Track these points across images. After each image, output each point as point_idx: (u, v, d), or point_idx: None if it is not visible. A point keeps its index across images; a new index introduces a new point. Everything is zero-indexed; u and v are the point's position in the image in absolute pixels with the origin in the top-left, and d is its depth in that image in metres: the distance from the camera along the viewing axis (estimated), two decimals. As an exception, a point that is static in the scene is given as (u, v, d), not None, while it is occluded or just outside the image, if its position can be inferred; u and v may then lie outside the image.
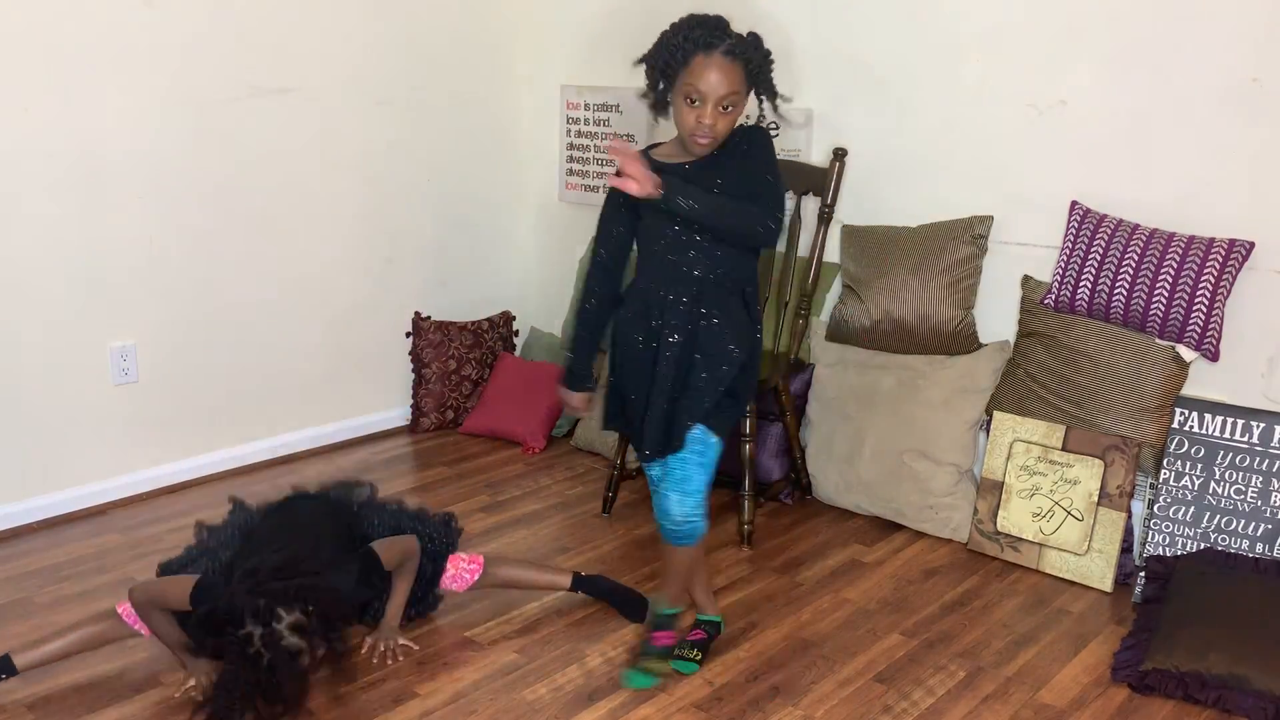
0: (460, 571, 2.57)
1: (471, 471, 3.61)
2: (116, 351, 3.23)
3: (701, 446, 2.25)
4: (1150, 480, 2.87)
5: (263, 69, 3.41)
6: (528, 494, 3.43)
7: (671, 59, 2.14)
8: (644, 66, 2.22)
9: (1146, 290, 2.72)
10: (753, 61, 2.15)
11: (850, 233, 3.31)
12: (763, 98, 2.21)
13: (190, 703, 2.12)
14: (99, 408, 3.22)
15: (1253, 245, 2.65)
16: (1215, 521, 2.68)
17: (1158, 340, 2.78)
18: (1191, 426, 2.73)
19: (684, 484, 2.24)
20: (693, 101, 2.13)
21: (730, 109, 2.14)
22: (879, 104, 3.26)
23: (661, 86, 2.20)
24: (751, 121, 2.25)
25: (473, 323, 4.06)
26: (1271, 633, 2.36)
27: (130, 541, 3.05)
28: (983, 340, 3.14)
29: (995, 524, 2.98)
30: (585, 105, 3.99)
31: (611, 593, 2.68)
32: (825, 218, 3.18)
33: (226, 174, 3.38)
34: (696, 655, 2.42)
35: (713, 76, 2.10)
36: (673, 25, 2.17)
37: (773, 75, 2.21)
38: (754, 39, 2.18)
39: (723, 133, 2.16)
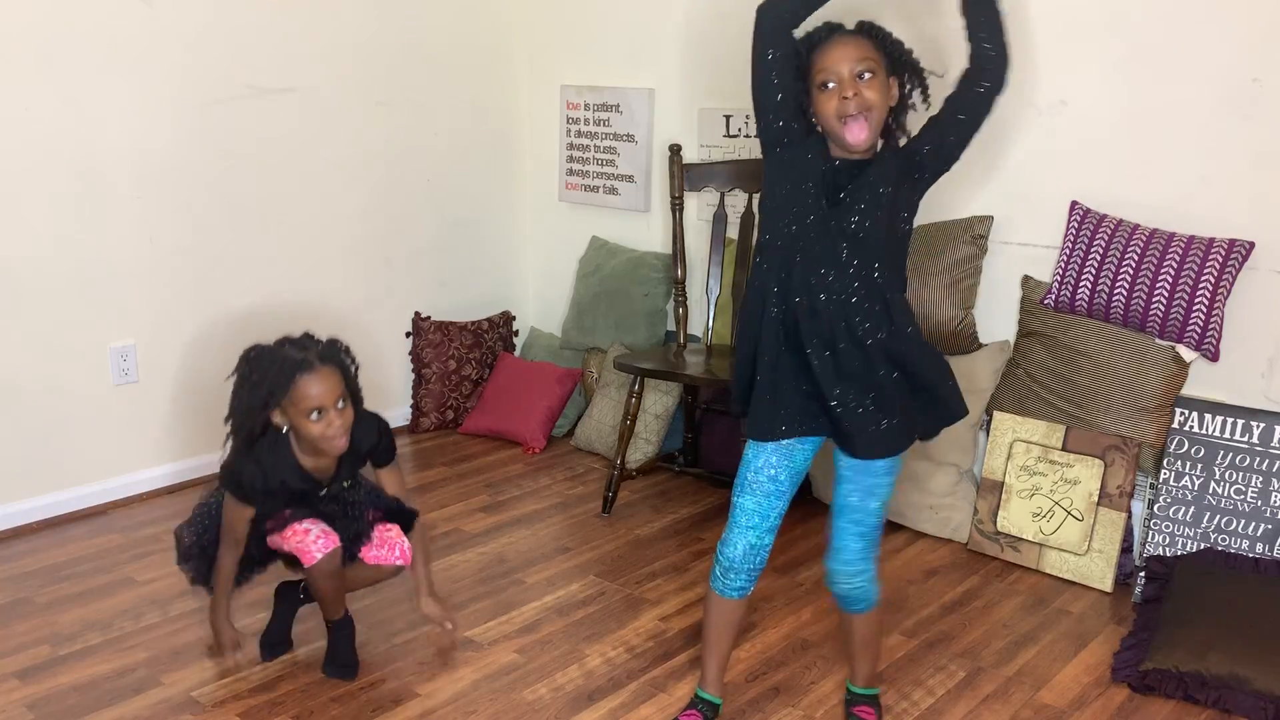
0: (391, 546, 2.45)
1: (471, 472, 3.61)
2: (116, 351, 3.23)
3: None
4: (1150, 480, 2.87)
5: (263, 69, 3.41)
6: (528, 494, 3.43)
7: (801, 59, 1.92)
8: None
9: (1146, 290, 2.72)
10: (879, 36, 1.92)
11: (850, 233, 3.31)
12: (908, 85, 1.97)
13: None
14: (99, 408, 3.22)
15: (1253, 245, 2.65)
16: (1215, 521, 2.68)
17: (1158, 340, 2.78)
18: (1191, 426, 2.73)
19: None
20: (827, 85, 1.88)
21: (869, 75, 1.87)
22: (879, 104, 3.25)
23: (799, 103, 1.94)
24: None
25: (473, 323, 4.06)
26: (1271, 633, 2.36)
27: (130, 541, 3.05)
28: (983, 340, 3.14)
29: (995, 524, 2.98)
30: (585, 105, 3.99)
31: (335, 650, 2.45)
32: (825, 218, 3.17)
33: (226, 174, 3.38)
34: None
35: (838, 51, 1.87)
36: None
37: (909, 55, 1.97)
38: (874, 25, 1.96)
39: (874, 101, 1.88)
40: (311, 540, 2.30)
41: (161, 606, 2.69)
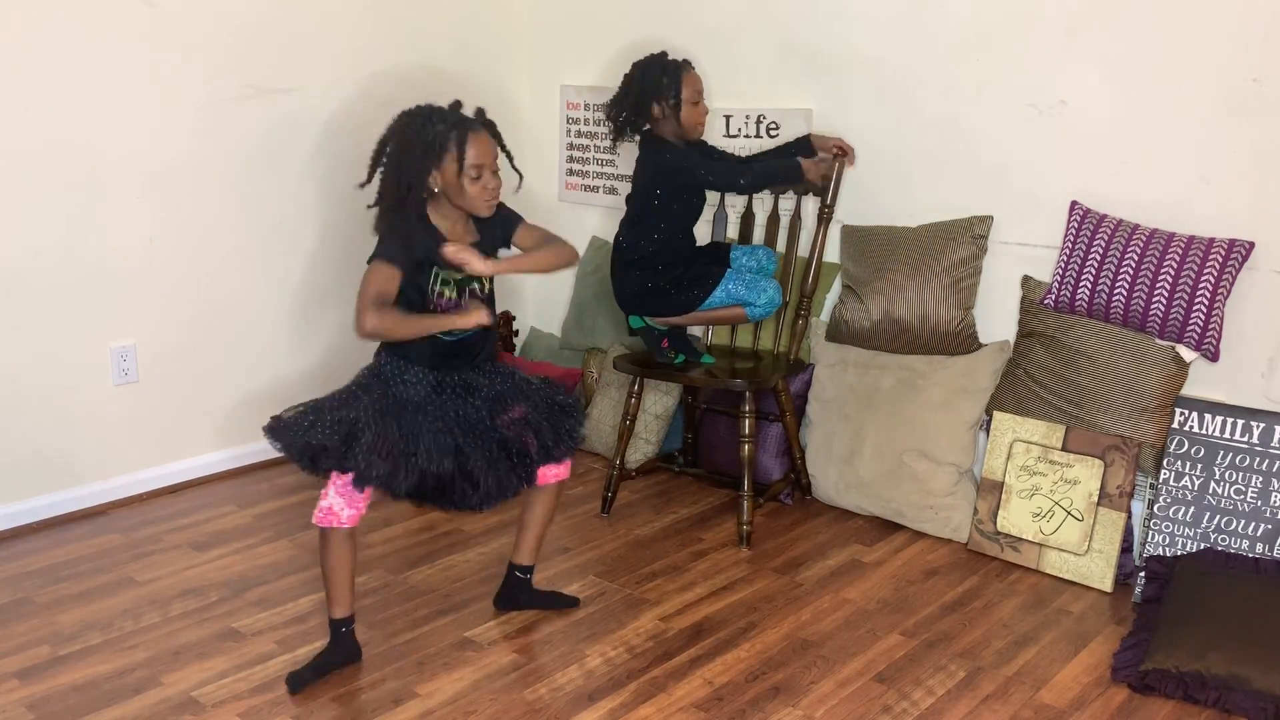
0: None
1: (471, 471, 3.61)
2: (116, 351, 3.23)
3: None
4: (1150, 480, 2.87)
5: (263, 69, 3.41)
6: (528, 494, 3.43)
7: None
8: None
9: (1146, 290, 2.72)
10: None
11: (850, 233, 3.31)
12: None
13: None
14: (99, 408, 3.22)
15: (1253, 245, 2.65)
16: (1215, 521, 2.68)
17: (1158, 340, 2.78)
18: (1191, 426, 2.73)
19: None
20: (695, 103, 3.05)
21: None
22: (879, 104, 3.26)
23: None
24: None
25: (473, 323, 4.06)
26: (1271, 633, 2.36)
27: (130, 541, 3.05)
28: (983, 340, 3.14)
29: (995, 524, 2.98)
30: (585, 105, 3.99)
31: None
32: (825, 218, 3.18)
33: (226, 174, 3.38)
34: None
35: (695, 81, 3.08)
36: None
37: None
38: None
39: None
40: (345, 511, 2.30)
41: (161, 606, 2.69)
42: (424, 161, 2.25)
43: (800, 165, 3.06)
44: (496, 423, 2.38)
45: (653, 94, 3.01)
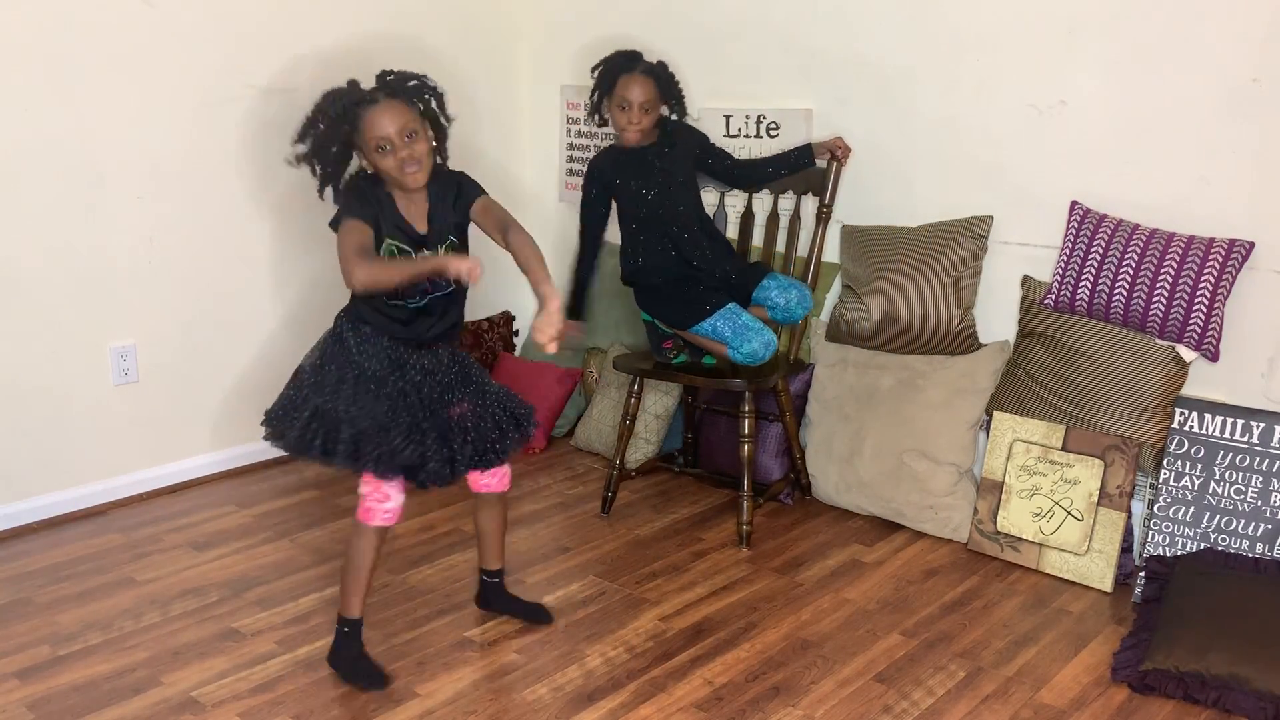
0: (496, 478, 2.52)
1: (471, 471, 3.61)
2: (116, 351, 3.23)
3: None
4: (1150, 480, 2.87)
5: (263, 69, 3.41)
6: (528, 494, 3.43)
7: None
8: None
9: (1146, 290, 2.72)
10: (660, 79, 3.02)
11: (850, 233, 3.31)
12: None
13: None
14: (99, 408, 3.22)
15: (1253, 245, 2.65)
16: (1215, 521, 2.68)
17: (1158, 340, 2.78)
18: (1191, 426, 2.73)
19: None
20: (623, 108, 3.00)
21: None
22: (879, 104, 3.26)
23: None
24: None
25: (473, 323, 4.06)
26: (1271, 633, 2.36)
27: (130, 541, 3.05)
28: (983, 340, 3.14)
29: (995, 524, 2.98)
30: (585, 105, 3.98)
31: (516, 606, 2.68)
32: (824, 217, 3.18)
33: (227, 174, 3.38)
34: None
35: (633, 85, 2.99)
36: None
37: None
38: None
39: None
40: (382, 504, 2.33)
41: (161, 606, 2.69)
42: (343, 144, 2.28)
43: (810, 146, 3.15)
44: (443, 411, 2.36)
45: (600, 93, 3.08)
